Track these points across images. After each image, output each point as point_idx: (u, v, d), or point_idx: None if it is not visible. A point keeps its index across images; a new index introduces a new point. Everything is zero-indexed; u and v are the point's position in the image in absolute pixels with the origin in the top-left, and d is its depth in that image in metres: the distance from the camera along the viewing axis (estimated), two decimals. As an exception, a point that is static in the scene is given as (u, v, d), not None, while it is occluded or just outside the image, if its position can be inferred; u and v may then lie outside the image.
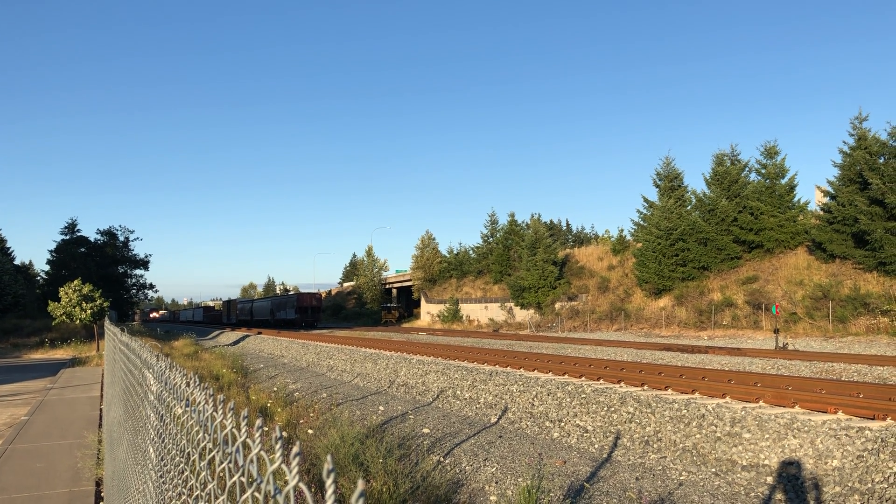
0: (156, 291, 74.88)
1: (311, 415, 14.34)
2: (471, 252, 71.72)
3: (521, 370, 18.47)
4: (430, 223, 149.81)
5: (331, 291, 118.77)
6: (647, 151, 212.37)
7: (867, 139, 34.54)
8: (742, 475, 9.73)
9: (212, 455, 1.30)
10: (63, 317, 33.14)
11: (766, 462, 9.76)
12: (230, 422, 1.20)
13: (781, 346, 27.61)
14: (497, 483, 9.83)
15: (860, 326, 30.53)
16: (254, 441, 0.99)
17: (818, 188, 41.55)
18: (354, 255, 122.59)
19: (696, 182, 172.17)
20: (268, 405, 15.11)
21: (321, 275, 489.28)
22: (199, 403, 1.51)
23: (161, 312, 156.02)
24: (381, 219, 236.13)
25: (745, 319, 36.60)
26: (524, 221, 64.48)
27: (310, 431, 11.89)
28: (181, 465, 1.80)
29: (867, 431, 9.20)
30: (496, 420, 14.81)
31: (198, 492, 1.54)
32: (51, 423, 13.53)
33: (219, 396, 1.31)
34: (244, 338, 48.46)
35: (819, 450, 9.40)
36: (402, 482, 8.58)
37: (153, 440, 2.71)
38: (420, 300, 75.61)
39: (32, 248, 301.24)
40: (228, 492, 1.19)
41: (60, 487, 8.61)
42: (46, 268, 62.69)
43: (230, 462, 1.16)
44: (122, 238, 64.93)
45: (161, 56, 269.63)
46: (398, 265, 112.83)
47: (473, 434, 13.32)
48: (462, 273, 71.11)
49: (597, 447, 12.09)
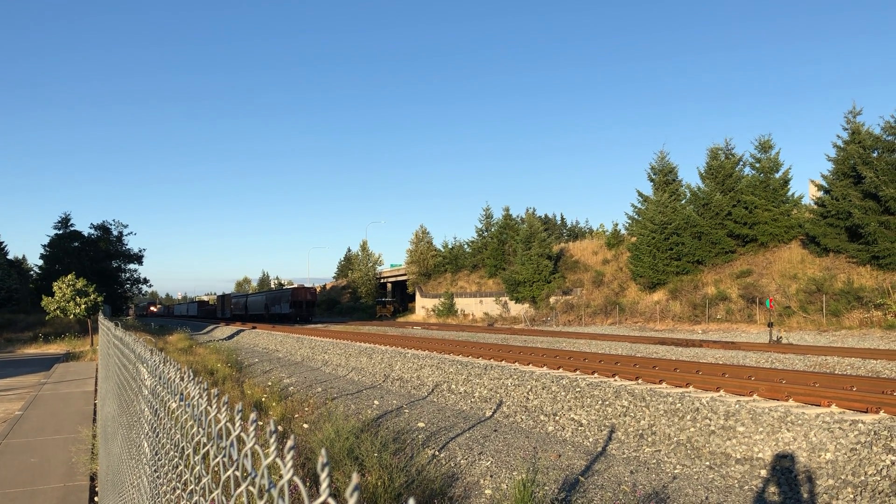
0: (150, 286, 74.79)
1: (306, 409, 14.34)
2: (465, 246, 71.74)
3: (516, 364, 18.50)
4: (425, 217, 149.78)
5: (325, 286, 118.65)
6: (642, 146, 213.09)
7: (861, 133, 34.61)
8: (736, 468, 9.77)
9: (206, 449, 1.29)
10: (57, 311, 33.05)
11: (760, 455, 9.80)
12: (224, 416, 1.19)
13: (775, 340, 27.72)
14: (492, 477, 9.85)
15: (854, 320, 30.65)
16: (248, 435, 0.99)
17: (812, 182, 41.65)
18: (349, 250, 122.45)
19: (691, 176, 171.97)
20: (262, 400, 15.11)
21: (316, 269, 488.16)
22: (194, 398, 1.50)
23: (158, 307, 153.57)
24: (376, 213, 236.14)
25: (740, 313, 36.71)
26: (519, 216, 64.55)
27: (305, 426, 11.89)
28: (175, 460, 1.79)
29: (860, 424, 9.25)
30: (491, 414, 14.84)
31: (192, 486, 1.53)
32: (45, 418, 13.50)
33: (213, 391, 1.30)
34: (239, 332, 48.39)
35: (813, 443, 9.44)
36: (398, 476, 8.59)
37: (147, 434, 2.70)
38: (415, 294, 75.65)
39: (26, 243, 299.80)
40: (223, 486, 1.18)
41: (55, 482, 8.59)
42: (40, 262, 62.58)
43: (225, 456, 1.15)
44: (116, 232, 64.81)
45: (155, 49, 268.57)
46: (393, 259, 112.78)
47: (468, 428, 13.34)
48: (457, 267, 71.13)
49: (591, 441, 12.12)
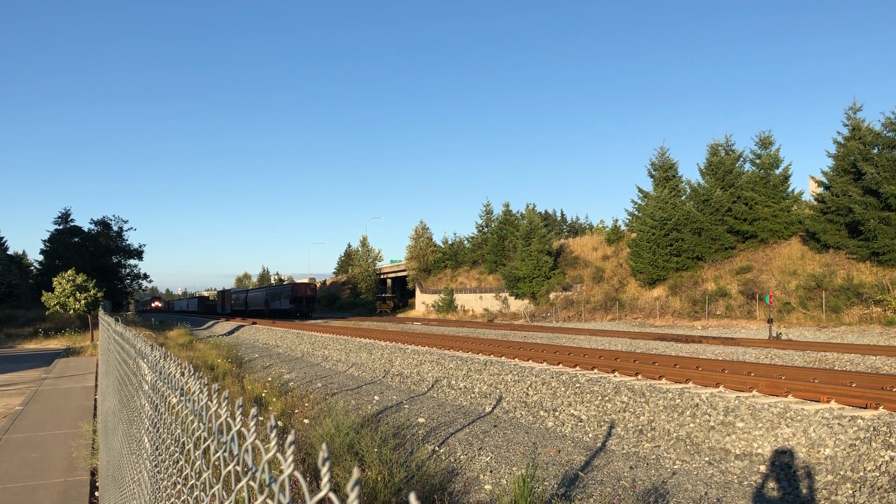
0: (150, 282, 74.83)
1: (306, 405, 14.36)
2: (466, 242, 71.72)
3: (516, 360, 18.51)
4: (425, 213, 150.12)
5: (325, 282, 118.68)
6: (642, 142, 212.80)
7: (861, 129, 34.59)
8: (735, 464, 9.79)
9: (206, 444, 1.30)
10: (57, 307, 33.06)
11: (760, 451, 9.82)
12: (225, 411, 1.20)
13: (775, 336, 27.74)
14: (492, 472, 9.87)
15: (853, 316, 30.68)
16: (249, 430, 0.99)
17: (812, 178, 41.64)
18: (349, 246, 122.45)
19: (691, 172, 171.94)
20: (263, 395, 15.12)
21: (316, 265, 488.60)
22: (194, 393, 1.51)
23: (156, 304, 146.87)
24: (376, 209, 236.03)
25: (739, 309, 36.74)
26: (519, 211, 64.58)
27: (305, 421, 11.91)
28: (176, 455, 1.80)
29: (859, 420, 9.26)
30: (491, 409, 14.85)
31: (193, 480, 1.54)
32: (45, 413, 13.52)
33: (213, 386, 1.31)
34: (239, 328, 48.42)
35: (812, 439, 9.46)
36: (397, 471, 8.61)
37: (148, 430, 2.71)
38: (415, 290, 75.66)
39: (26, 239, 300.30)
40: (223, 481, 1.19)
41: (55, 477, 8.61)
42: (40, 258, 62.57)
43: (225, 451, 1.16)
44: (116, 228, 64.80)
45: (155, 45, 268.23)
46: (393, 255, 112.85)
47: (468, 423, 13.36)
48: (457, 263, 71.13)
49: (591, 436, 12.14)
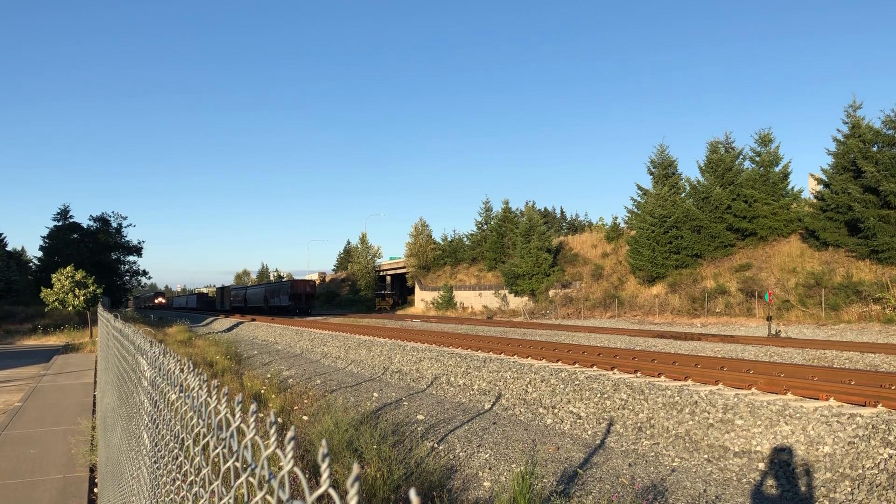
0: (149, 278, 74.89)
1: (306, 401, 14.37)
2: (465, 239, 71.69)
3: (515, 357, 18.52)
4: (425, 210, 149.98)
5: (325, 278, 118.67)
6: (642, 139, 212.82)
7: (861, 127, 34.57)
8: (734, 461, 9.80)
9: (206, 440, 1.30)
10: (56, 303, 33.06)
11: (759, 448, 9.83)
12: (224, 408, 1.20)
13: (774, 334, 27.75)
14: (491, 469, 9.88)
15: (852, 314, 30.69)
16: (248, 427, 0.99)
17: (812, 176, 41.64)
18: (348, 243, 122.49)
19: (691, 170, 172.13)
20: (262, 392, 15.13)
21: (315, 262, 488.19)
22: (194, 389, 1.50)
23: (160, 300, 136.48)
24: (376, 206, 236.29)
25: (738, 307, 36.75)
26: (518, 209, 64.48)
27: (304, 418, 11.92)
28: (175, 451, 1.80)
29: (858, 418, 9.27)
30: (490, 406, 14.86)
31: (192, 477, 1.53)
32: (44, 410, 13.52)
33: (213, 382, 1.31)
34: (238, 324, 48.42)
35: (811, 436, 9.46)
36: (397, 468, 8.61)
37: (147, 426, 2.70)
38: (414, 287, 75.67)
39: (25, 235, 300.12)
40: (223, 477, 1.18)
41: (54, 473, 8.61)
42: (39, 254, 62.59)
43: (224, 447, 1.15)
44: (115, 224, 64.79)
45: (155, 41, 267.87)
46: (392, 252, 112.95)
47: (467, 420, 13.36)
48: (456, 260, 71.12)
49: (590, 434, 12.15)
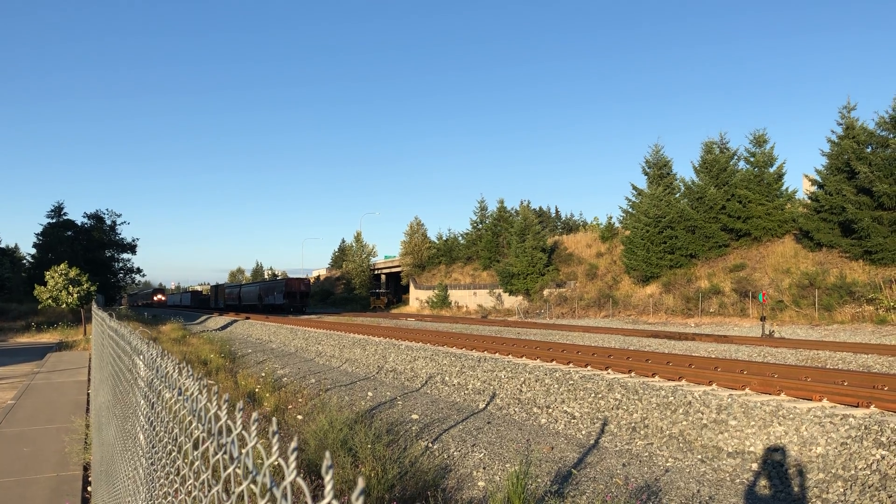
0: (143, 276, 74.64)
1: (300, 400, 14.35)
2: (460, 238, 71.74)
3: (510, 356, 18.53)
4: (420, 209, 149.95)
5: (319, 277, 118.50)
6: (637, 139, 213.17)
7: (855, 128, 34.70)
8: (728, 462, 9.84)
9: (206, 446, 1.30)
10: (49, 301, 32.94)
11: (752, 449, 9.86)
12: (225, 414, 1.20)
13: (768, 334, 27.84)
14: (485, 469, 9.89)
15: (846, 314, 30.81)
16: (250, 434, 0.99)
17: (806, 177, 41.78)
18: (343, 241, 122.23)
19: (685, 170, 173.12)
20: (256, 390, 15.11)
21: (309, 260, 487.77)
22: (193, 394, 1.50)
23: (159, 297, 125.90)
24: (370, 204, 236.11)
25: (732, 307, 36.86)
26: (513, 208, 64.53)
27: (299, 417, 11.91)
28: (174, 454, 1.80)
29: (851, 419, 9.31)
30: (484, 406, 14.88)
31: (191, 481, 1.53)
32: (38, 408, 13.47)
33: (213, 388, 1.31)
34: (232, 323, 48.34)
35: (804, 437, 9.50)
36: (391, 468, 8.61)
37: (143, 427, 2.70)
38: (409, 286, 75.66)
39: (18, 232, 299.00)
40: (223, 483, 1.18)
41: (48, 472, 8.58)
42: (32, 251, 62.34)
43: (225, 454, 1.16)
44: (110, 222, 64.52)
45: (150, 39, 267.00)
46: (387, 251, 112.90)
47: (462, 420, 13.37)
48: (451, 259, 71.14)
49: (584, 433, 12.17)
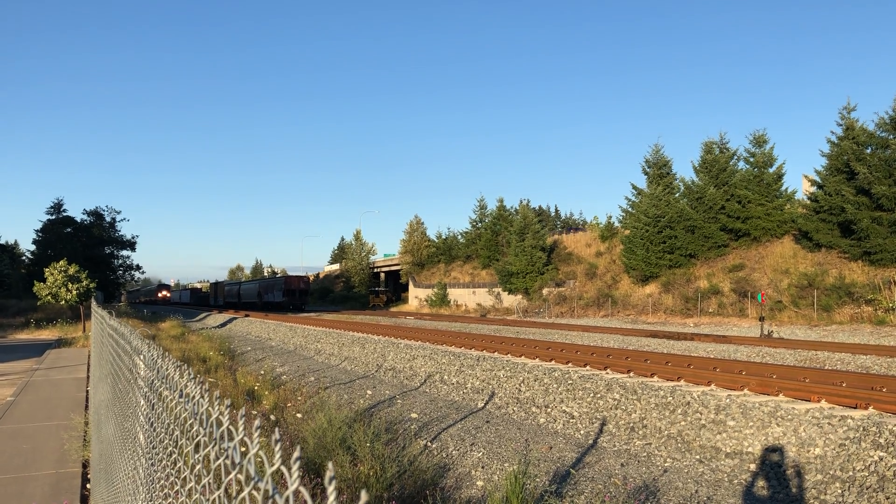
0: (142, 273, 74.63)
1: (299, 398, 14.36)
2: (459, 237, 71.71)
3: (509, 355, 18.54)
4: (419, 208, 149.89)
5: (318, 275, 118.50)
6: (637, 138, 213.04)
7: (855, 129, 34.70)
8: (726, 462, 9.85)
9: (207, 451, 1.30)
10: (48, 297, 32.91)
11: (750, 449, 9.87)
12: (227, 419, 1.20)
13: (766, 334, 27.86)
14: (484, 468, 9.90)
15: (844, 315, 30.84)
16: (252, 440, 0.99)
17: (805, 177, 41.79)
18: (343, 239, 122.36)
19: (685, 170, 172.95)
20: (255, 388, 15.11)
21: (309, 258, 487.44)
22: (195, 398, 1.51)
23: (164, 294, 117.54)
24: (370, 202, 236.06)
25: (731, 307, 36.88)
26: (513, 207, 64.51)
27: (298, 415, 11.91)
28: (174, 456, 1.80)
29: (849, 420, 9.32)
30: (483, 405, 14.89)
31: (192, 484, 1.54)
32: (37, 404, 13.48)
33: (215, 392, 1.31)
34: (231, 320, 48.33)
35: (802, 438, 9.52)
36: (389, 466, 8.62)
37: (143, 426, 2.70)
38: (408, 284, 75.67)
39: (18, 228, 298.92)
40: (224, 488, 1.19)
41: (47, 469, 8.59)
42: (32, 247, 62.38)
43: (227, 458, 1.16)
44: (109, 218, 64.56)
45: (149, 34, 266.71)
46: (386, 249, 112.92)
47: (460, 419, 13.38)
48: (450, 258, 71.13)
49: (583, 433, 12.18)
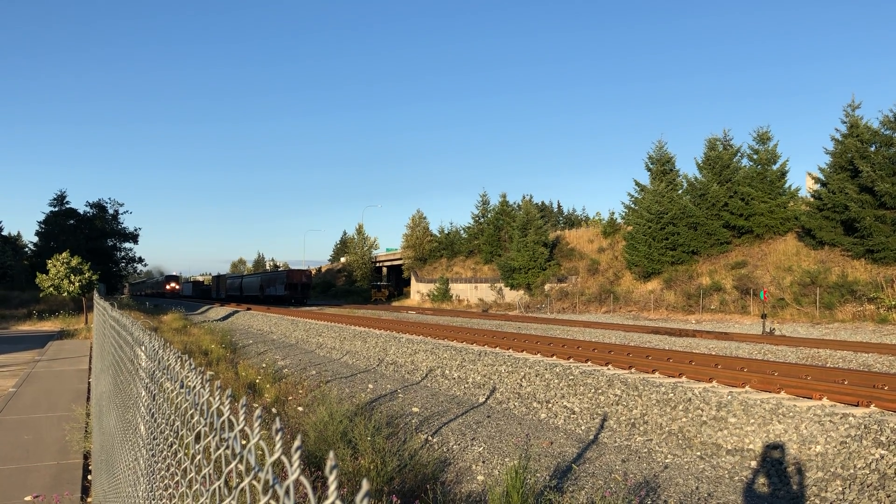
0: (145, 265, 74.76)
1: (300, 392, 14.38)
2: (462, 232, 71.67)
3: (510, 351, 18.55)
4: (422, 202, 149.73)
5: (321, 268, 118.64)
6: (640, 135, 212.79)
7: (859, 127, 34.62)
8: (727, 459, 9.85)
9: (207, 441, 1.30)
10: (51, 289, 32.99)
11: (751, 446, 9.87)
12: (228, 409, 1.20)
13: (768, 332, 27.83)
14: (484, 462, 9.91)
15: (847, 313, 30.80)
16: (253, 431, 0.99)
17: (809, 175, 41.71)
18: (345, 233, 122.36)
19: (688, 166, 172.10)
20: (257, 381, 15.14)
21: (311, 252, 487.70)
22: (196, 388, 1.50)
23: (173, 286, 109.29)
24: (373, 197, 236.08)
25: (734, 304, 36.85)
26: (516, 202, 64.49)
27: (299, 409, 11.93)
28: (175, 447, 1.80)
29: (851, 418, 9.31)
30: (484, 400, 14.90)
31: (192, 474, 1.54)
32: (39, 396, 13.51)
33: (216, 383, 1.31)
34: (233, 313, 48.40)
35: (803, 435, 9.51)
36: (390, 460, 8.63)
37: (144, 417, 2.70)
38: (410, 279, 75.67)
39: (21, 220, 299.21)
40: (225, 478, 1.18)
41: (48, 460, 8.61)
42: (35, 239, 62.40)
43: (227, 449, 1.16)
44: (112, 211, 64.61)
45: (152, 27, 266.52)
46: (389, 244, 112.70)
47: (461, 413, 13.40)
48: (452, 253, 71.11)
49: (584, 429, 12.19)
